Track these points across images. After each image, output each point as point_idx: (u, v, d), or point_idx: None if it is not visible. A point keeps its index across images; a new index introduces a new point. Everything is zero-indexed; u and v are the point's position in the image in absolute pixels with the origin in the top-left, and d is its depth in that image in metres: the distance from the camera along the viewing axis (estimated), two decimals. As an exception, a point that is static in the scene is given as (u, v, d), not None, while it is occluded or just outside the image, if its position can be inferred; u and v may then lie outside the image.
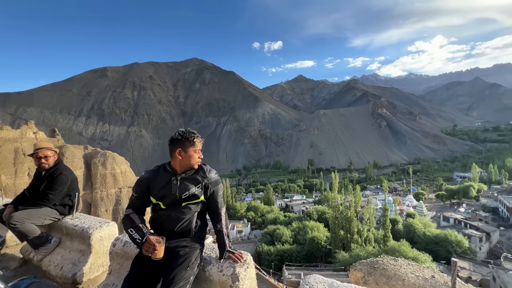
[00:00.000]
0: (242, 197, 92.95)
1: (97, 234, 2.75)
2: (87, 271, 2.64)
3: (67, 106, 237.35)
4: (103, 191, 25.63)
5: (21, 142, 21.14)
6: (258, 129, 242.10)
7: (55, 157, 3.16)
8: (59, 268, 2.75)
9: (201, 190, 1.91)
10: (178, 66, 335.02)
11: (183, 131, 1.89)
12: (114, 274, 2.36)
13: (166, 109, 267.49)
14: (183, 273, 1.70)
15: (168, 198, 1.86)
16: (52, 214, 3.01)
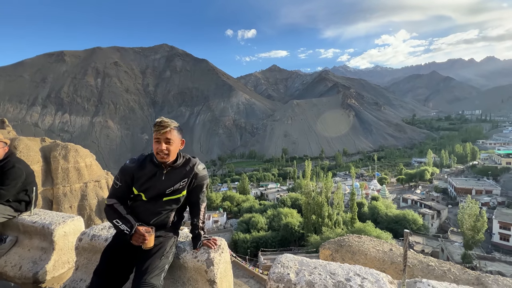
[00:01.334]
0: (217, 187, 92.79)
1: (60, 229, 2.58)
2: (51, 269, 2.49)
3: (18, 93, 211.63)
4: (66, 186, 23.74)
5: (-39, 135, 18.49)
6: (232, 119, 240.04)
7: (5, 149, 2.85)
8: (17, 268, 2.55)
9: (185, 185, 1.84)
10: (147, 52, 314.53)
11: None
12: (82, 269, 2.26)
13: (135, 98, 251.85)
14: (158, 262, 1.69)
15: (151, 191, 1.78)
16: (5, 212, 2.75)
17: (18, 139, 22.11)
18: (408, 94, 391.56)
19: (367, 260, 2.86)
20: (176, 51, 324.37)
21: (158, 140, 1.70)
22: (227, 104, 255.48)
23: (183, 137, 1.84)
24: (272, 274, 1.57)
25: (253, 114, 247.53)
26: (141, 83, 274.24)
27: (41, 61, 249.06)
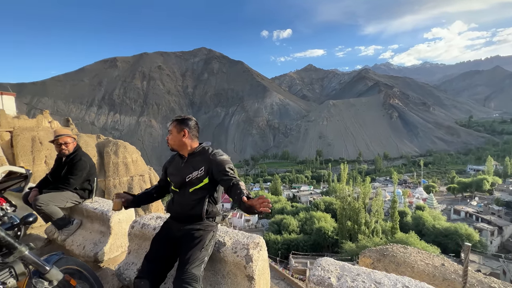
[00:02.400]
0: (249, 187, 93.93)
1: (116, 217, 2.89)
2: (108, 251, 2.81)
3: (79, 96, 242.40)
4: (116, 179, 26.45)
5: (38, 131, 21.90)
6: (266, 120, 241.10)
7: (74, 144, 3.29)
8: (82, 247, 2.93)
9: (204, 173, 1.91)
10: (187, 55, 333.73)
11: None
12: (133, 254, 2.50)
13: (175, 99, 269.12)
14: (198, 253, 1.79)
15: (175, 179, 2.02)
16: (73, 198, 3.18)
17: (79, 135, 25.34)
18: (463, 93, 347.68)
19: (414, 273, 2.62)
20: (214, 54, 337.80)
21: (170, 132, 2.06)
22: (261, 104, 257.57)
23: (184, 127, 1.99)
24: (312, 277, 1.55)
25: (287, 114, 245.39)
26: (181, 85, 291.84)
27: (98, 67, 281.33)
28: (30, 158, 20.07)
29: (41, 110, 35.55)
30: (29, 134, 20.69)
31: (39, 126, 23.33)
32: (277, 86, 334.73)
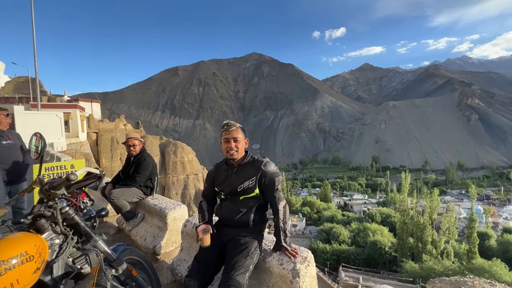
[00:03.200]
0: (297, 191, 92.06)
1: (171, 214, 3.14)
2: (164, 245, 3.06)
3: (147, 102, 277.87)
4: (174, 176, 29.30)
5: (115, 132, 26.00)
6: (316, 123, 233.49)
7: (141, 146, 3.73)
8: (143, 239, 3.26)
9: (255, 183, 1.91)
10: (238, 61, 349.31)
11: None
12: (185, 251, 2.65)
13: (227, 103, 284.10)
14: (243, 261, 1.77)
15: (226, 189, 1.99)
16: (138, 194, 3.59)
17: (146, 136, 29.00)
18: None
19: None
20: (264, 58, 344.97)
21: (227, 140, 1.92)
22: (311, 107, 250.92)
23: (246, 136, 2.00)
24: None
25: (338, 117, 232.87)
26: (233, 90, 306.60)
27: (162, 76, 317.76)
28: (110, 155, 24.00)
29: (118, 114, 42.04)
30: (109, 134, 24.78)
31: (116, 128, 27.67)
32: (328, 88, 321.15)
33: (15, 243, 1.13)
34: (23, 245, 1.13)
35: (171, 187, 29.01)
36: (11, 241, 1.14)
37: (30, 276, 1.11)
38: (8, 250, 1.07)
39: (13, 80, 35.16)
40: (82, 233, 1.55)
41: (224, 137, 1.94)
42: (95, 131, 25.31)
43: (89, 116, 26.33)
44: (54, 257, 1.36)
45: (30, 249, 1.14)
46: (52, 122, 12.41)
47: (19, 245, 1.12)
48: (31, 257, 1.12)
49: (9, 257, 1.05)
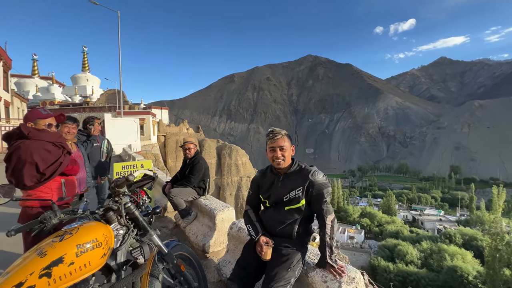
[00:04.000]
0: (355, 200, 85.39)
1: (220, 215, 3.27)
2: (212, 244, 3.20)
3: (207, 107, 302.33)
4: (229, 178, 30.88)
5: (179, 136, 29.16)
6: (378, 126, 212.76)
7: (195, 149, 4.06)
8: (195, 236, 3.50)
9: (302, 194, 1.80)
10: (292, 65, 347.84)
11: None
12: (230, 253, 2.72)
13: (280, 107, 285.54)
14: (284, 273, 1.70)
15: (271, 198, 1.92)
16: (193, 194, 3.89)
17: (205, 140, 31.49)
18: None
19: None
20: (319, 60, 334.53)
21: (272, 148, 1.84)
22: (371, 109, 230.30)
23: (292, 144, 1.90)
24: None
25: (406, 120, 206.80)
26: (286, 94, 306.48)
27: (220, 83, 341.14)
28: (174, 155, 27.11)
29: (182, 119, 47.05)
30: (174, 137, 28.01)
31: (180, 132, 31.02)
32: (393, 88, 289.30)
33: (89, 230, 1.38)
34: (95, 233, 1.38)
35: (226, 188, 30.65)
36: (87, 228, 1.39)
37: (99, 259, 1.34)
38: (84, 236, 1.32)
39: (105, 92, 43.50)
40: (140, 227, 1.75)
41: (269, 146, 1.87)
42: (163, 134, 28.99)
43: (159, 121, 30.34)
44: (118, 245, 1.58)
45: (100, 237, 1.38)
46: (131, 127, 14.82)
47: (92, 232, 1.37)
48: (100, 243, 1.35)
49: (84, 242, 1.29)
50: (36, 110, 2.18)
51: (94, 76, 53.19)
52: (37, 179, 1.98)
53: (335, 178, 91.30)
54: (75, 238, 1.30)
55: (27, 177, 1.94)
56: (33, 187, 2.00)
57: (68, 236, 1.31)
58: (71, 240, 1.28)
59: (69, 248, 1.24)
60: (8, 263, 1.18)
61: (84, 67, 53.75)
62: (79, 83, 51.20)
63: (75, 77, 51.97)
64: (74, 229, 1.38)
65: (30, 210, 2.02)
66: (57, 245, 1.24)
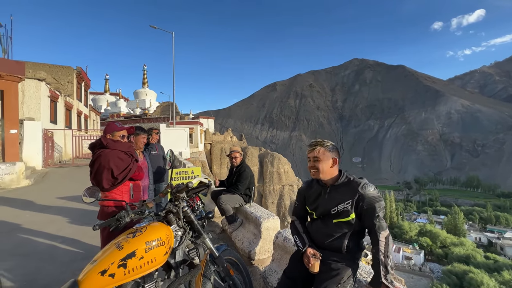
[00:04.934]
0: (411, 216, 76.39)
1: (265, 223, 3.30)
2: (258, 252, 3.24)
3: (249, 116, 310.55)
4: (271, 186, 30.87)
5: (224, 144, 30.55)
6: (439, 133, 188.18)
7: (241, 158, 4.22)
8: (241, 242, 3.59)
9: (351, 207, 1.69)
10: (337, 70, 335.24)
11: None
12: (276, 262, 2.71)
13: (324, 114, 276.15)
14: None
15: (318, 209, 1.86)
16: (239, 200, 4.02)
17: (248, 148, 32.27)
18: None
19: None
20: (366, 63, 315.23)
21: (309, 159, 1.85)
22: (430, 114, 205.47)
23: (336, 155, 1.80)
24: None
25: (475, 125, 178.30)
26: (330, 100, 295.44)
27: (263, 92, 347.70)
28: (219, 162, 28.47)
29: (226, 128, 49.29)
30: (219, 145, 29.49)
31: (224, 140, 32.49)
32: (458, 89, 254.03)
33: (155, 230, 1.56)
34: (159, 232, 1.56)
35: (268, 196, 30.67)
36: (154, 228, 1.58)
37: (162, 256, 1.51)
38: (152, 234, 1.51)
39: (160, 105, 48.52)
40: (195, 230, 1.91)
41: (307, 156, 1.88)
42: (209, 142, 30.78)
43: (205, 130, 32.38)
44: (176, 245, 1.74)
45: (163, 236, 1.56)
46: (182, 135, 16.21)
47: (157, 232, 1.55)
48: (163, 242, 1.53)
49: (151, 239, 1.48)
50: (113, 124, 2.58)
51: (151, 90, 60.01)
52: (112, 182, 2.34)
53: (387, 190, 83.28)
54: (144, 236, 1.49)
55: (105, 181, 2.31)
56: (109, 189, 2.36)
57: (139, 233, 1.50)
58: (141, 237, 1.47)
59: (140, 244, 1.43)
60: (88, 251, 1.51)
61: (144, 83, 61.17)
62: (139, 97, 58.35)
63: (136, 92, 59.41)
64: (143, 227, 1.57)
65: (106, 209, 2.38)
66: (131, 241, 1.45)
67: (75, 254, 3.63)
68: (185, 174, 5.83)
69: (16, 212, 5.61)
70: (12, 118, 8.44)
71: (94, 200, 1.96)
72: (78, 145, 14.20)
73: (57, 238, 4.14)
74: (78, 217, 5.24)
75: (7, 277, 3.02)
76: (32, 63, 16.20)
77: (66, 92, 17.22)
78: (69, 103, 17.56)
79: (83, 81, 20.92)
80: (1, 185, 7.83)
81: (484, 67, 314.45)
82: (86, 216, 5.29)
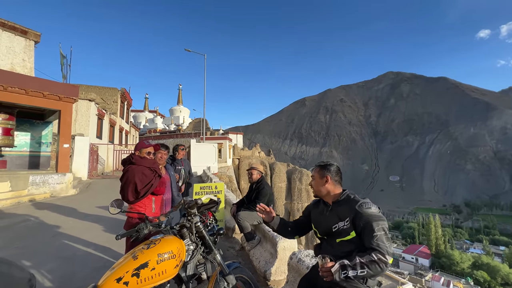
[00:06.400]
0: (462, 244, 67.45)
1: (281, 243, 3.23)
2: (274, 272, 3.16)
3: (278, 131, 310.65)
4: (299, 203, 29.92)
5: (252, 158, 30.80)
6: (492, 150, 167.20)
7: (259, 175, 4.26)
8: (258, 261, 3.54)
9: (350, 225, 1.64)
10: (370, 84, 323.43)
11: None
12: (290, 285, 2.62)
13: (356, 130, 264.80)
14: None
15: (321, 227, 1.87)
16: (258, 218, 4.00)
17: (275, 163, 32.05)
18: None
19: None
20: (402, 76, 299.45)
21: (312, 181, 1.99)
22: (480, 129, 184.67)
23: (326, 173, 1.87)
24: None
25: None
26: (363, 115, 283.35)
27: (292, 108, 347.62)
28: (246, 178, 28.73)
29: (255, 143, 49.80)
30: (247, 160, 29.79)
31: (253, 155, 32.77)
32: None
33: (168, 243, 1.66)
34: (171, 245, 1.65)
35: (296, 214, 29.67)
36: (166, 241, 1.68)
37: (172, 269, 1.59)
38: (164, 247, 1.60)
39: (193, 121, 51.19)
40: (206, 245, 1.98)
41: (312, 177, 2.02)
42: (237, 157, 31.31)
43: (234, 145, 33.13)
44: (188, 259, 1.82)
45: (174, 250, 1.64)
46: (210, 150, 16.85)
47: (170, 245, 1.64)
48: (174, 255, 1.61)
49: (163, 252, 1.57)
50: (142, 142, 2.86)
51: (185, 107, 63.99)
52: (135, 196, 2.56)
53: (431, 213, 74.81)
54: (157, 248, 1.58)
55: (130, 194, 2.54)
56: (133, 202, 2.58)
57: (153, 245, 1.60)
58: (154, 249, 1.57)
59: (152, 255, 1.52)
60: (117, 258, 1.55)
61: (179, 101, 65.65)
62: (174, 114, 62.50)
63: (172, 109, 63.83)
64: (157, 240, 1.68)
65: (131, 220, 2.59)
66: (145, 252, 1.54)
67: (106, 261, 3.92)
68: (209, 189, 6.02)
69: (62, 218, 6.27)
70: (66, 134, 9.66)
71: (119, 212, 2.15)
72: (118, 158, 15.57)
73: (92, 245, 4.52)
74: (112, 226, 5.67)
75: (47, 278, 3.37)
76: (85, 85, 18.58)
77: (111, 111, 19.27)
78: (113, 120, 19.55)
79: (126, 100, 23.25)
80: (53, 193, 8.87)
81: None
82: (119, 225, 5.70)
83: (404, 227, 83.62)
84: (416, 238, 68.49)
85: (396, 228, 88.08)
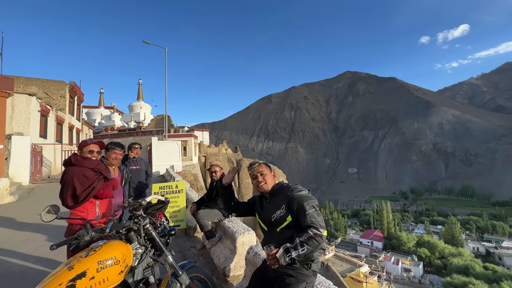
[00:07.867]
0: (409, 226, 76.05)
1: (240, 239, 3.27)
2: (233, 268, 3.19)
3: (245, 128, 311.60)
4: (266, 198, 30.62)
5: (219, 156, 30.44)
6: (432, 143, 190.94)
7: (221, 172, 4.22)
8: (218, 258, 3.54)
9: (287, 211, 1.77)
10: (330, 82, 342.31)
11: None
12: (247, 279, 2.68)
13: (319, 126, 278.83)
14: None
15: (264, 219, 1.95)
16: (218, 215, 3.99)
17: (242, 159, 32.17)
18: None
19: None
20: (359, 75, 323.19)
21: (255, 176, 2.01)
22: (423, 124, 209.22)
23: (271, 169, 2.07)
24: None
25: (467, 135, 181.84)
26: (325, 111, 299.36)
27: (258, 104, 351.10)
28: (214, 176, 28.45)
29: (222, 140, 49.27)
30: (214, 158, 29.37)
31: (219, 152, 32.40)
32: (448, 100, 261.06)
33: (111, 248, 1.55)
34: (115, 251, 1.54)
35: (263, 209, 30.27)
36: (109, 246, 1.56)
37: (116, 276, 1.49)
38: (106, 253, 1.49)
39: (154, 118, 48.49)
40: (157, 247, 1.88)
41: (251, 175, 2.05)
42: (204, 155, 30.64)
43: (200, 142, 32.32)
44: (136, 263, 1.72)
45: (118, 255, 1.54)
46: (174, 148, 16.15)
47: (113, 250, 1.54)
48: (118, 261, 1.51)
49: (105, 259, 1.46)
50: (84, 140, 2.61)
51: (146, 103, 60.19)
52: (75, 200, 2.34)
53: (383, 200, 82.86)
54: (97, 255, 1.46)
55: (68, 198, 2.31)
56: (73, 207, 2.35)
57: (92, 252, 1.48)
58: (94, 257, 1.44)
59: (91, 263, 1.40)
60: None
61: (139, 96, 61.43)
62: (134, 110, 58.40)
63: (131, 105, 59.52)
64: (98, 246, 1.55)
65: (71, 227, 2.37)
66: (82, 261, 1.42)
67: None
68: (169, 189, 5.79)
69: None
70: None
71: (54, 219, 1.95)
72: (67, 159, 13.99)
73: (32, 258, 4.02)
74: (58, 235, 5.11)
75: (-28, 301, 2.92)
76: (24, 78, 16.22)
77: (57, 107, 17.19)
78: (61, 117, 17.50)
79: (76, 95, 20.96)
80: (-17, 202, 7.64)
81: (472, 78, 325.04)
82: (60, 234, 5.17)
83: (361, 214, 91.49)
84: (372, 223, 75.47)
85: (355, 216, 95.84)
